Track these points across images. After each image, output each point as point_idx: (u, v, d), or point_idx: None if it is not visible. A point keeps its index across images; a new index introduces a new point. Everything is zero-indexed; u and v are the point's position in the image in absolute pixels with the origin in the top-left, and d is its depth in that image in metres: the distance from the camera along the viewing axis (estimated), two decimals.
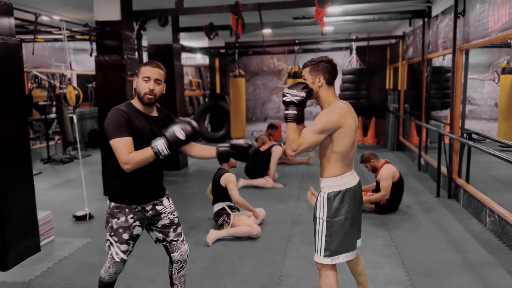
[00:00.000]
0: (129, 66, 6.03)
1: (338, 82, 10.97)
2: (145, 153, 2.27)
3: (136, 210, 2.45)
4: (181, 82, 8.16)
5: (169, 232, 2.58)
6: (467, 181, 5.38)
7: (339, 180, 2.43)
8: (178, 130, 2.27)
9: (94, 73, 10.74)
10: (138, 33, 7.56)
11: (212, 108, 11.58)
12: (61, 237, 4.47)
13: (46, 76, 10.30)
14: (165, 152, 2.28)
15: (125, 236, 2.44)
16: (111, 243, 2.48)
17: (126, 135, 2.25)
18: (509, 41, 8.15)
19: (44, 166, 8.47)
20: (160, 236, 2.61)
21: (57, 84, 9.74)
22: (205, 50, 11.36)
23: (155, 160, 2.31)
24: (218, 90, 12.04)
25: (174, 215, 2.61)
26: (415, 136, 9.47)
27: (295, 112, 2.37)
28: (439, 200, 5.58)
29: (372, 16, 7.52)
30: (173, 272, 2.69)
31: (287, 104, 2.40)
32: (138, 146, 2.29)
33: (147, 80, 2.34)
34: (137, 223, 2.46)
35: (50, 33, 7.27)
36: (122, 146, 2.24)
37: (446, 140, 5.80)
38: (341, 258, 2.46)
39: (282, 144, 7.01)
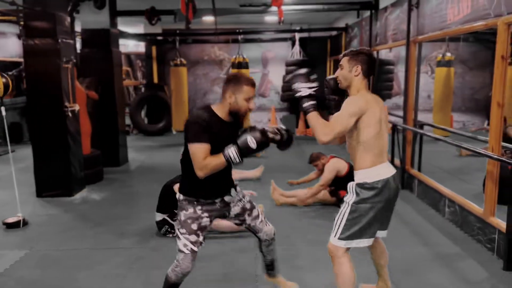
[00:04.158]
0: (64, 51, 5.36)
1: (281, 73, 10.86)
2: (218, 160, 2.34)
3: (205, 202, 2.52)
4: (120, 71, 7.53)
5: (244, 217, 2.70)
6: (419, 171, 5.48)
7: (370, 172, 2.42)
8: (250, 139, 2.32)
9: (16, 59, 9.75)
10: (70, 16, 6.82)
11: (149, 99, 10.93)
12: None
13: None
14: (237, 160, 2.34)
15: (194, 226, 2.48)
16: (178, 237, 2.51)
17: (205, 141, 2.33)
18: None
19: None
20: (237, 221, 2.72)
21: None
22: (141, 37, 10.67)
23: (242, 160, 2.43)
24: (155, 80, 11.39)
25: (243, 201, 2.69)
26: None
27: (314, 102, 2.38)
28: None
29: (322, 6, 7.43)
30: (262, 247, 2.85)
31: (303, 98, 2.39)
32: (215, 151, 2.36)
33: (249, 100, 2.43)
34: (206, 214, 2.52)
35: None
36: (199, 152, 2.33)
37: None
38: (355, 244, 2.44)
39: None
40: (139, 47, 13.00)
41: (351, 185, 2.47)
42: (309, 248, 3.81)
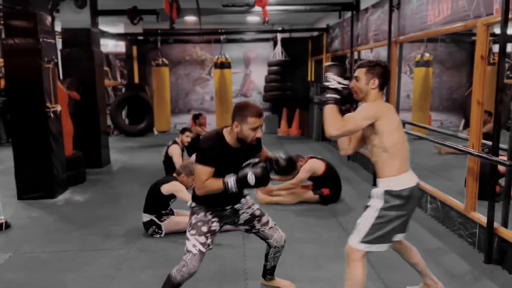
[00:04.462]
0: (45, 51, 5.28)
1: (263, 73, 10.91)
2: (217, 185, 2.50)
3: (215, 209, 2.69)
4: (101, 71, 7.46)
5: (254, 224, 2.83)
6: None
7: (396, 180, 2.42)
8: (250, 175, 2.46)
9: None
10: (50, 15, 6.71)
11: (130, 99, 10.84)
12: None
13: None
14: (234, 189, 2.49)
15: (204, 228, 2.64)
16: (187, 239, 2.65)
17: (210, 165, 2.50)
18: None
19: None
20: (247, 227, 2.86)
21: None
22: (122, 37, 10.56)
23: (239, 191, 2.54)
24: (136, 80, 11.28)
25: (253, 209, 2.84)
26: None
27: (337, 96, 2.39)
28: None
29: (304, 7, 7.50)
30: (270, 253, 2.96)
31: (329, 89, 2.40)
32: (220, 173, 2.51)
33: (255, 130, 2.51)
34: (216, 219, 2.68)
35: None
36: (202, 173, 2.51)
37: None
38: (374, 248, 2.49)
39: None
40: (118, 47, 12.83)
41: (377, 191, 2.47)
42: (295, 245, 3.85)
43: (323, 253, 3.72)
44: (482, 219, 3.61)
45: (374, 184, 5.74)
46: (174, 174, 4.28)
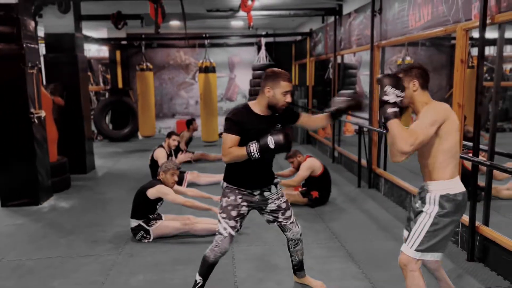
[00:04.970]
0: (29, 56, 5.23)
1: (248, 77, 10.97)
2: (240, 152, 2.60)
3: (244, 193, 2.79)
4: (86, 76, 7.40)
5: (278, 215, 2.92)
6: (385, 170, 5.70)
7: (451, 183, 2.36)
8: (270, 139, 2.54)
9: None
10: (33, 20, 6.64)
11: (114, 104, 10.77)
12: None
13: None
14: (256, 155, 2.57)
15: (233, 213, 2.76)
16: (219, 221, 2.79)
17: (234, 133, 2.64)
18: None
19: None
20: (270, 218, 2.95)
21: None
22: (105, 41, 10.50)
23: (261, 157, 2.60)
24: (120, 85, 11.21)
25: (281, 201, 2.92)
26: (321, 130, 9.87)
27: (397, 110, 2.28)
28: (361, 191, 5.84)
29: (288, 11, 7.59)
30: (290, 247, 3.08)
31: (388, 103, 2.29)
32: (249, 141, 2.60)
33: (286, 94, 2.65)
34: (245, 203, 2.79)
35: None
36: (227, 141, 2.64)
37: (348, 134, 6.08)
38: (429, 256, 2.40)
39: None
40: (101, 51, 12.75)
41: (433, 196, 2.36)
42: (284, 247, 3.88)
43: (313, 255, 3.77)
44: (465, 218, 3.71)
45: (359, 186, 5.93)
46: (158, 177, 4.29)
